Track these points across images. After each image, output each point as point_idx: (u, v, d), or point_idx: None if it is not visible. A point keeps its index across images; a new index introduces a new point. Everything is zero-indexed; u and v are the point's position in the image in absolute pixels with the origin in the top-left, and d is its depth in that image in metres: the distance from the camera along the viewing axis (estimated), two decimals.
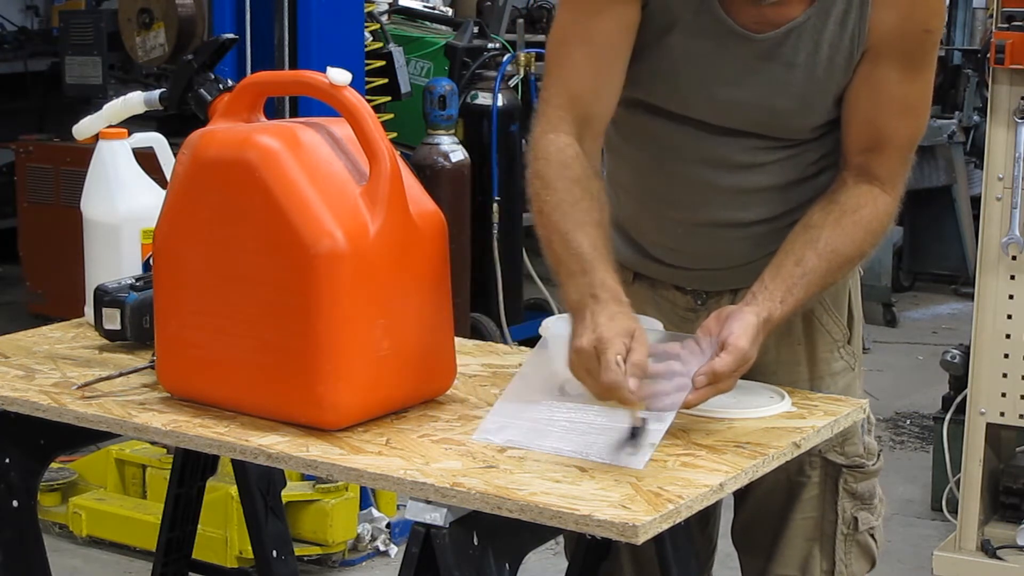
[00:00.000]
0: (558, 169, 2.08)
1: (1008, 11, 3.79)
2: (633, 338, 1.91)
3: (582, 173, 2.09)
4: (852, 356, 2.36)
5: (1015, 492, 4.07)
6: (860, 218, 2.13)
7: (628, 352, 1.89)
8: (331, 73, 2.03)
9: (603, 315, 1.93)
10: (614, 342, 1.89)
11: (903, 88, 2.14)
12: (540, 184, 2.09)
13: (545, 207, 2.06)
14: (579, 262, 2.00)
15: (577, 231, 2.02)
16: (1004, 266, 3.83)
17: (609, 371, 1.87)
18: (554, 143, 2.10)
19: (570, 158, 2.09)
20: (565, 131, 2.11)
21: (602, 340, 1.89)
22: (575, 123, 2.12)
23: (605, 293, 1.96)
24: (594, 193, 2.08)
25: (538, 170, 2.10)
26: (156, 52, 5.84)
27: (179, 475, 2.75)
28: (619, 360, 1.87)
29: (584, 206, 2.05)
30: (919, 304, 7.40)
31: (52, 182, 6.22)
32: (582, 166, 2.09)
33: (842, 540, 2.32)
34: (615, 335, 1.89)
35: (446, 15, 6.72)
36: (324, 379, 1.98)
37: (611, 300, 1.96)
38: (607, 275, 1.99)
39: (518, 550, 1.90)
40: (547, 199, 2.07)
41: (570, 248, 2.01)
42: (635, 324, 1.93)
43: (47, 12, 8.87)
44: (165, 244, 2.13)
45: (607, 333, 1.90)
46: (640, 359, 1.89)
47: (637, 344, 1.90)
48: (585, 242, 2.01)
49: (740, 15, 2.11)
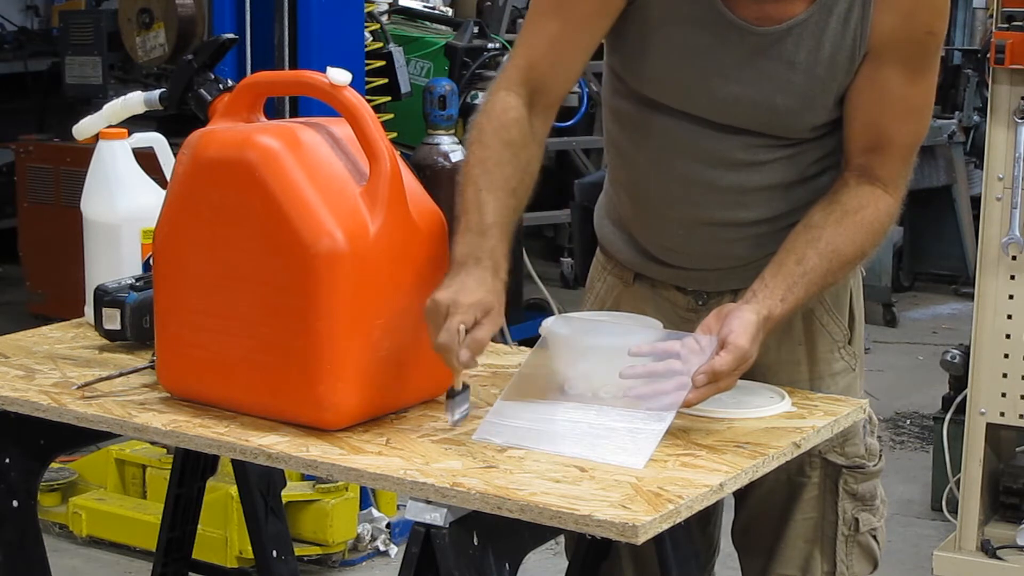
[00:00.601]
0: (496, 127, 2.13)
1: (1008, 11, 3.80)
2: (487, 315, 1.97)
3: (518, 137, 2.13)
4: (853, 356, 2.36)
5: (1015, 492, 4.07)
6: (862, 219, 2.13)
7: (475, 325, 1.95)
8: (331, 73, 2.03)
9: (473, 279, 1.99)
10: (468, 310, 1.95)
11: (906, 90, 2.14)
12: (476, 135, 2.14)
13: (472, 159, 2.12)
14: (480, 222, 2.05)
15: (490, 192, 2.07)
16: (1004, 266, 3.83)
17: (447, 333, 1.94)
18: (501, 101, 2.15)
19: (511, 120, 2.14)
20: (516, 92, 2.16)
21: (456, 303, 1.96)
22: (527, 88, 2.16)
23: (488, 260, 2.02)
24: (522, 161, 2.12)
25: (479, 122, 2.15)
26: (156, 52, 5.84)
27: (179, 475, 2.75)
28: (461, 328, 1.93)
29: (507, 171, 2.10)
30: (919, 304, 7.40)
31: (52, 182, 6.21)
32: (520, 130, 2.14)
33: (843, 541, 2.32)
34: (471, 304, 1.96)
35: (446, 15, 6.72)
36: (324, 379, 1.98)
37: (490, 269, 2.01)
38: (499, 245, 2.05)
39: (518, 550, 1.90)
40: (476, 152, 2.12)
41: (479, 206, 2.06)
42: (496, 303, 1.99)
43: (47, 12, 8.87)
44: (165, 244, 2.13)
45: (464, 299, 1.96)
46: (482, 336, 1.96)
47: (487, 322, 1.97)
48: (493, 206, 2.06)
49: (740, 9, 2.11)
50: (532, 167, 2.14)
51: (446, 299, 1.96)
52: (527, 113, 2.15)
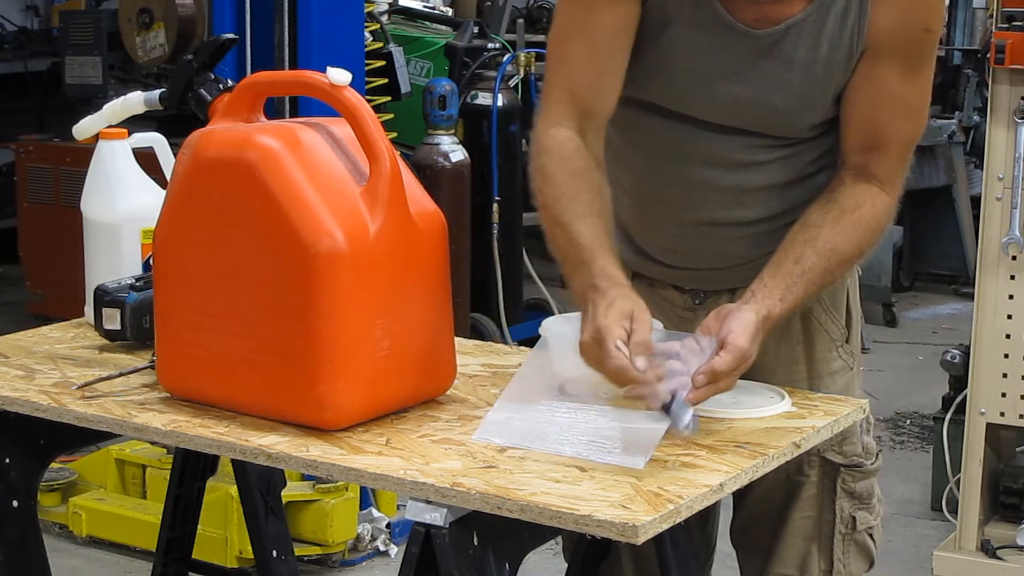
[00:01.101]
0: (559, 163, 2.11)
1: (1008, 11, 3.80)
2: (633, 319, 1.93)
3: (583, 165, 2.11)
4: (850, 355, 2.36)
5: (1015, 492, 4.07)
6: (859, 217, 2.13)
7: (630, 334, 1.91)
8: (331, 73, 2.03)
9: (602, 304, 1.95)
10: (612, 329, 1.91)
11: (902, 88, 2.14)
12: (542, 178, 2.11)
13: (547, 200, 2.09)
14: (579, 253, 2.03)
15: (578, 222, 2.05)
16: (1004, 266, 3.83)
17: (611, 358, 1.89)
18: (555, 137, 2.13)
19: (571, 151, 2.11)
20: (567, 125, 2.13)
21: (600, 329, 1.92)
22: (576, 117, 2.14)
23: (605, 281, 1.98)
24: (595, 185, 2.10)
25: (540, 165, 2.12)
26: (156, 52, 5.84)
27: (179, 475, 2.75)
28: (620, 345, 1.90)
29: (585, 198, 2.08)
30: (919, 304, 7.40)
31: (52, 182, 6.21)
32: (583, 159, 2.11)
33: (840, 539, 2.32)
34: (612, 321, 1.92)
35: (446, 15, 6.73)
36: (324, 379, 1.98)
37: (611, 287, 1.98)
38: (607, 263, 2.01)
39: (518, 550, 1.90)
40: (548, 192, 2.09)
41: (571, 240, 2.04)
42: (634, 305, 1.96)
43: (47, 12, 8.87)
44: (165, 244, 2.13)
45: (604, 322, 1.92)
46: (642, 338, 1.91)
47: (638, 325, 1.93)
48: (586, 232, 2.04)
49: (739, 11, 2.11)
50: (605, 188, 2.12)
51: (590, 336, 1.93)
52: (582, 142, 2.13)
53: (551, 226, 2.08)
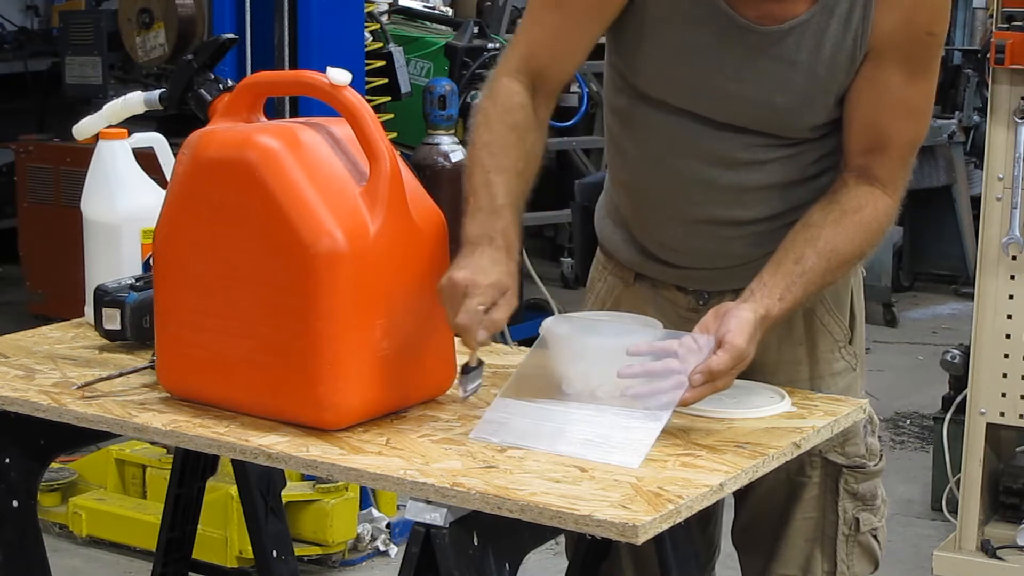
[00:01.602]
0: (501, 112, 2.15)
1: (1008, 11, 3.80)
2: (504, 295, 1.99)
3: (522, 121, 2.15)
4: (853, 356, 2.36)
5: (1015, 492, 4.07)
6: (860, 219, 2.13)
7: (492, 306, 1.97)
8: (331, 73, 2.03)
9: (487, 259, 2.00)
10: (486, 290, 1.97)
11: (906, 90, 2.14)
12: (481, 119, 2.16)
13: (478, 142, 2.14)
14: (491, 202, 2.07)
15: (498, 174, 2.09)
16: (1004, 266, 3.83)
17: (467, 313, 1.96)
18: (505, 86, 2.18)
19: (515, 104, 2.16)
20: (519, 80, 2.18)
21: (474, 283, 1.97)
22: (529, 75, 2.19)
23: (501, 240, 2.03)
24: (527, 145, 2.15)
25: (483, 107, 2.18)
26: (156, 52, 5.84)
27: (179, 475, 2.75)
28: (480, 309, 1.96)
29: (513, 153, 2.12)
30: (919, 304, 7.40)
31: (52, 182, 6.21)
32: (524, 115, 2.16)
33: (843, 541, 2.32)
34: (488, 285, 1.97)
35: (446, 15, 6.72)
36: (324, 379, 1.98)
37: (503, 249, 2.03)
38: (512, 226, 2.06)
39: (518, 550, 1.90)
40: (482, 135, 2.14)
41: (488, 187, 2.09)
42: (511, 284, 2.01)
43: (47, 12, 8.87)
44: (165, 244, 2.13)
45: (482, 279, 1.98)
46: (500, 317, 1.98)
47: (504, 303, 1.99)
48: (503, 187, 2.08)
49: (742, 8, 2.11)
50: (536, 151, 2.16)
51: (463, 279, 1.98)
52: (530, 99, 2.18)
53: (473, 166, 2.12)
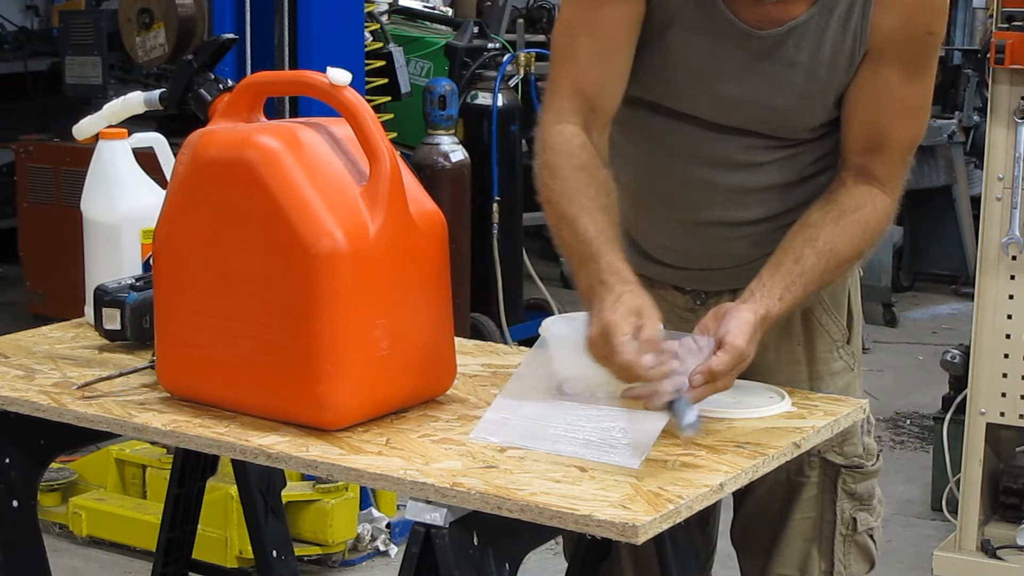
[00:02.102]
0: (565, 158, 2.10)
1: (1008, 11, 3.80)
2: (641, 315, 1.92)
3: (589, 161, 2.11)
4: (851, 356, 2.36)
5: (1015, 492, 4.07)
6: (859, 218, 2.13)
7: (638, 329, 1.91)
8: (331, 73, 2.03)
9: (609, 299, 1.95)
10: (620, 324, 1.90)
11: (904, 90, 2.14)
12: (548, 174, 2.11)
13: (553, 196, 2.09)
14: (586, 248, 2.02)
15: (583, 216, 2.04)
16: (1004, 266, 3.83)
17: (619, 353, 1.89)
18: (561, 133, 2.12)
19: (576, 147, 2.11)
20: (572, 121, 2.13)
21: (608, 325, 1.91)
22: (581, 113, 2.14)
23: (611, 277, 1.98)
24: (601, 180, 2.10)
25: (546, 160, 2.12)
26: (156, 52, 5.84)
27: (179, 475, 2.75)
28: (627, 341, 1.89)
29: (590, 193, 2.07)
30: (919, 304, 7.40)
31: (52, 182, 6.21)
32: (589, 154, 2.11)
33: (841, 541, 2.32)
34: (621, 317, 1.91)
35: (446, 15, 6.72)
36: (324, 379, 1.98)
37: (617, 283, 1.97)
38: (614, 258, 2.01)
39: (518, 550, 1.90)
40: (555, 188, 2.09)
41: (577, 235, 2.04)
42: (642, 301, 1.95)
43: (47, 12, 8.88)
44: (165, 244, 2.13)
45: (612, 317, 1.92)
46: (650, 335, 1.90)
47: (646, 320, 1.92)
48: (591, 228, 2.03)
49: (742, 12, 2.11)
50: (611, 185, 2.11)
51: (597, 331, 1.93)
52: (587, 137, 2.13)
53: (557, 221, 2.08)
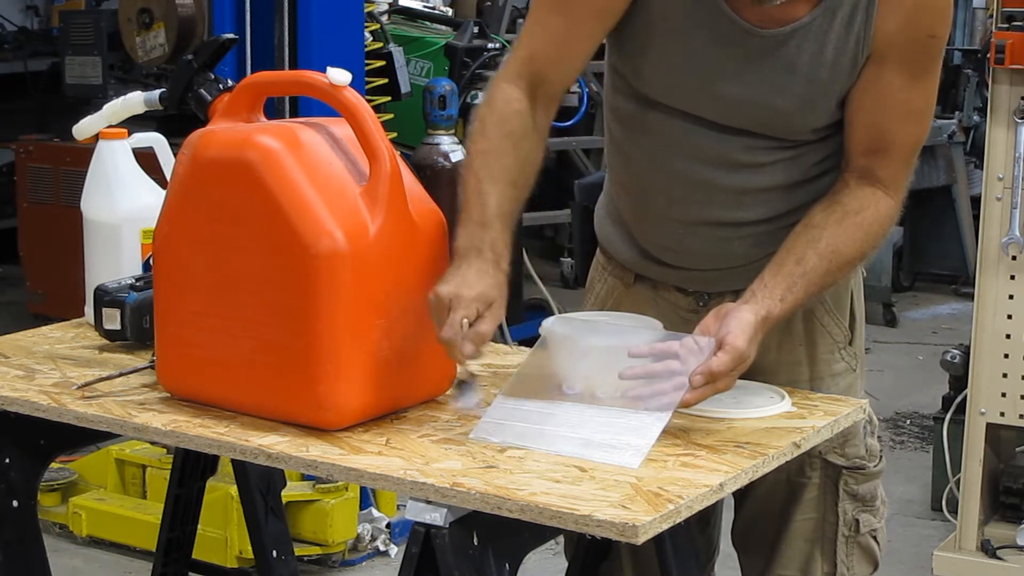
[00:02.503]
0: (498, 119, 2.15)
1: (1008, 11, 3.80)
2: (489, 307, 2.00)
3: (518, 128, 2.15)
4: (853, 357, 2.36)
5: (1015, 492, 4.07)
6: (862, 220, 2.13)
7: (477, 318, 1.98)
8: (331, 73, 2.03)
9: (474, 271, 2.01)
10: (469, 304, 1.98)
11: (907, 93, 2.14)
12: (478, 127, 2.17)
13: (473, 150, 2.15)
14: (481, 213, 2.07)
15: (491, 183, 2.09)
16: (1004, 266, 3.83)
17: (451, 328, 1.97)
18: (503, 92, 2.17)
19: (512, 112, 2.16)
20: (518, 85, 2.18)
21: (458, 297, 1.98)
22: (530, 82, 2.18)
23: (489, 252, 2.04)
24: (522, 152, 2.14)
25: (481, 114, 2.18)
26: (156, 52, 5.84)
27: (179, 475, 2.75)
28: (464, 322, 1.97)
29: (507, 163, 2.12)
30: (919, 304, 7.40)
31: (52, 182, 6.21)
32: (521, 122, 2.15)
33: (843, 542, 2.32)
34: (473, 298, 1.98)
35: (446, 15, 6.72)
36: (324, 379, 1.98)
37: (491, 260, 2.04)
38: (501, 236, 2.07)
39: (518, 550, 1.90)
40: (477, 143, 2.15)
41: (480, 197, 2.09)
42: (498, 295, 2.02)
43: (47, 12, 8.87)
44: (165, 244, 2.13)
45: (466, 292, 1.99)
46: (485, 330, 1.99)
47: (489, 315, 2.00)
48: (494, 197, 2.08)
49: (744, 11, 2.10)
50: (533, 158, 2.15)
51: (448, 293, 1.99)
52: (529, 105, 2.17)
53: (467, 175, 2.12)
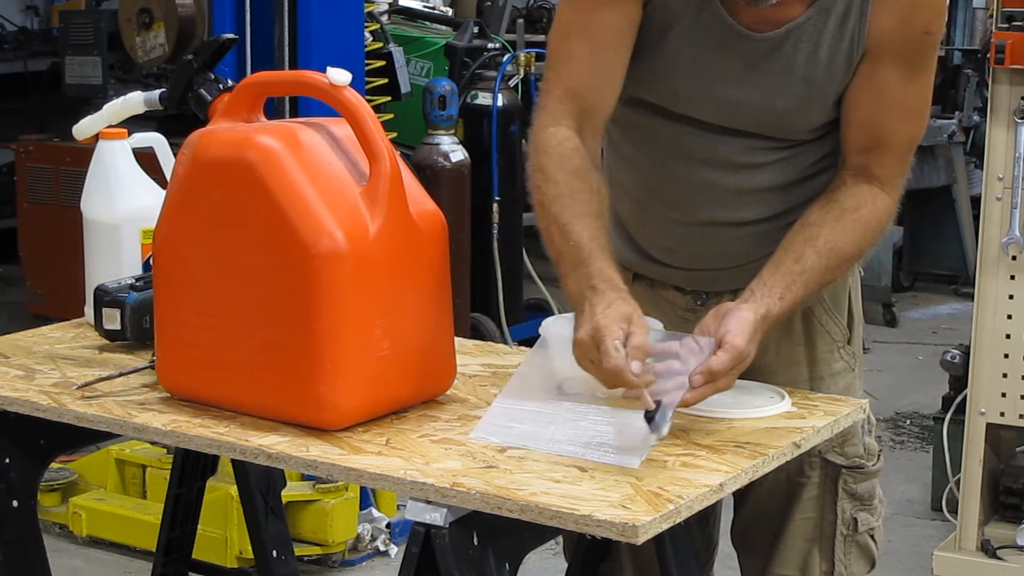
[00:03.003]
0: (558, 161, 2.10)
1: (1008, 11, 3.80)
2: (631, 322, 1.93)
3: (582, 165, 2.10)
4: (852, 356, 2.36)
5: (1015, 492, 4.07)
6: (859, 217, 2.13)
7: (627, 336, 1.91)
8: (331, 73, 2.03)
9: (600, 304, 1.95)
10: (611, 329, 1.91)
11: (903, 90, 2.14)
12: (540, 177, 2.11)
13: (545, 199, 2.09)
14: (577, 253, 2.02)
15: (575, 222, 2.04)
16: (1004, 266, 3.83)
17: (609, 357, 1.89)
18: (554, 136, 2.12)
19: (570, 151, 2.11)
20: (565, 124, 2.13)
21: (599, 328, 1.92)
22: (575, 116, 2.14)
23: (603, 283, 1.98)
24: (593, 185, 2.10)
25: (539, 163, 2.12)
26: (156, 52, 5.84)
27: (179, 475, 2.75)
28: (618, 345, 1.89)
29: (583, 198, 2.07)
30: (919, 304, 7.40)
31: (52, 182, 6.22)
32: (582, 158, 2.11)
33: (841, 541, 2.32)
34: (611, 322, 1.92)
35: (446, 15, 6.72)
36: (324, 379, 1.98)
37: (608, 289, 1.98)
38: (605, 264, 2.01)
39: (518, 550, 1.90)
40: (547, 191, 2.09)
41: (569, 240, 2.04)
42: (633, 309, 1.96)
43: (47, 12, 8.88)
44: (165, 244, 2.13)
45: (604, 321, 1.92)
46: (639, 342, 1.91)
47: (636, 328, 1.93)
48: (584, 233, 2.03)
49: (740, 14, 2.11)
50: (603, 189, 2.11)
51: (587, 334, 1.93)
52: (580, 140, 2.13)
53: (548, 224, 2.08)
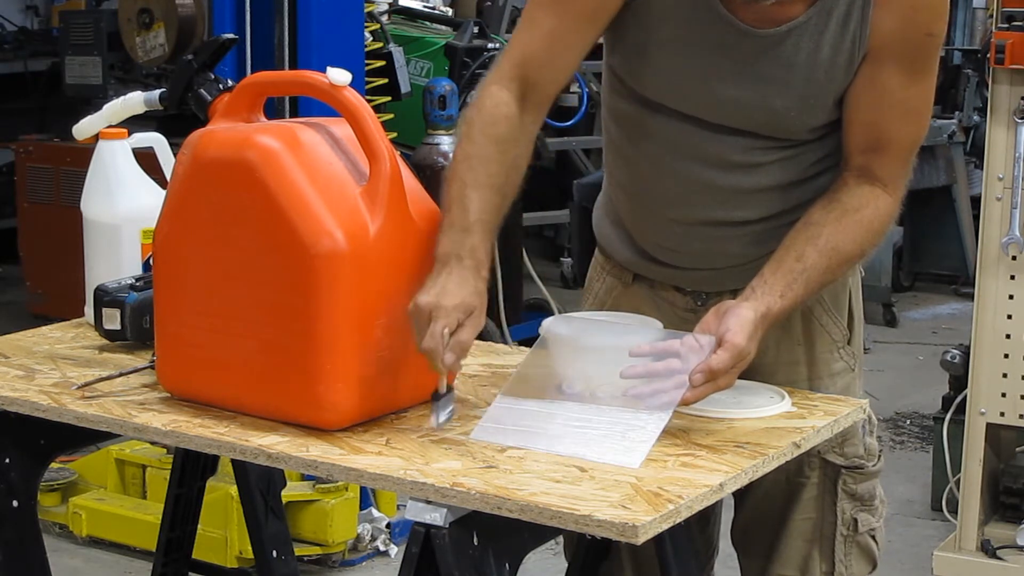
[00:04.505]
0: (484, 123, 2.13)
1: (1008, 11, 3.79)
2: (470, 316, 1.99)
3: (506, 133, 2.13)
4: (852, 357, 2.36)
5: (1015, 492, 4.07)
6: (861, 217, 2.13)
7: (458, 328, 1.97)
8: (331, 73, 2.03)
9: (454, 280, 2.00)
10: (450, 312, 1.97)
11: (905, 91, 2.14)
12: (465, 130, 2.15)
13: (459, 154, 2.12)
14: (463, 219, 2.05)
15: (474, 190, 2.07)
16: (1004, 266, 3.83)
17: (432, 338, 1.96)
18: (492, 96, 2.15)
19: (501, 116, 2.14)
20: (509, 88, 2.15)
21: (438, 307, 1.97)
22: (520, 84, 2.16)
23: (469, 259, 2.02)
24: (509, 158, 2.12)
25: (468, 116, 2.16)
26: (156, 52, 5.84)
27: (179, 475, 2.75)
28: (445, 333, 1.95)
29: (492, 169, 2.10)
30: (919, 304, 7.40)
31: (52, 182, 6.22)
32: (509, 126, 2.13)
33: (842, 541, 2.32)
34: (453, 307, 1.97)
35: (446, 15, 6.72)
36: (324, 379, 1.98)
37: (471, 267, 2.02)
38: (482, 243, 2.04)
39: (518, 550, 1.90)
40: (463, 147, 2.13)
41: (462, 202, 2.07)
42: (478, 303, 2.00)
43: (47, 12, 8.88)
44: (165, 244, 2.13)
45: (446, 302, 1.97)
46: (465, 339, 1.98)
47: (469, 324, 1.99)
48: (476, 203, 2.06)
49: (740, 11, 2.10)
50: (520, 164, 2.13)
51: (428, 303, 1.98)
52: (518, 109, 2.15)
53: (451, 179, 2.10)
